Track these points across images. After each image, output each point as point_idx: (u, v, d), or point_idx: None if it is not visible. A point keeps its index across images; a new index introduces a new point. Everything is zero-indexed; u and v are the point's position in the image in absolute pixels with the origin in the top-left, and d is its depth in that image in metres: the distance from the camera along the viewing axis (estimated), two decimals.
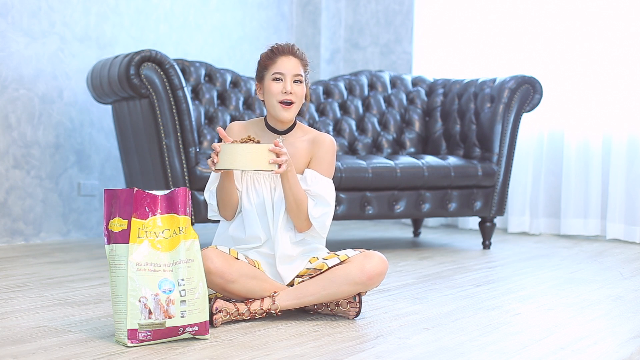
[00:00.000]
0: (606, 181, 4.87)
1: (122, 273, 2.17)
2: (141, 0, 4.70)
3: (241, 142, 2.38)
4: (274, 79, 2.52)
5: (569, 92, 4.95)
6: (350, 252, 2.57)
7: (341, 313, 2.59)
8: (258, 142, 2.41)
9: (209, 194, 2.58)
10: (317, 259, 2.58)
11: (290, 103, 2.52)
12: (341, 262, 2.54)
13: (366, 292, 2.59)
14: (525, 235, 5.01)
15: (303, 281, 2.55)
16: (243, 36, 5.33)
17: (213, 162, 2.37)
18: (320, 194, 2.52)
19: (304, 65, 2.55)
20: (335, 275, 2.51)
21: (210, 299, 2.47)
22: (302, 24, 5.74)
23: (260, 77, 2.57)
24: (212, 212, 2.61)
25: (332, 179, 2.61)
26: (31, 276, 3.25)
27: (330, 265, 2.53)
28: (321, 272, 2.53)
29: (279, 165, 2.37)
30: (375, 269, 2.52)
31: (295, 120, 2.61)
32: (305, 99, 2.60)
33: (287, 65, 2.51)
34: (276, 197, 2.54)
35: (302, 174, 2.57)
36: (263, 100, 2.59)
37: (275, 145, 2.36)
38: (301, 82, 2.53)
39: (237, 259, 2.50)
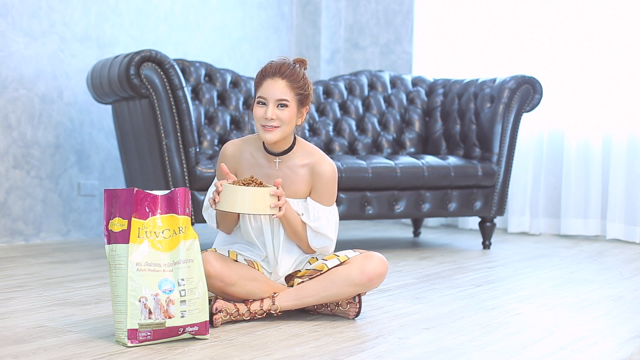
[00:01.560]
0: (606, 181, 4.87)
1: (122, 273, 2.17)
2: (141, 0, 4.70)
3: (243, 183, 2.37)
4: (258, 102, 2.46)
5: (569, 92, 4.94)
6: (350, 253, 2.57)
7: (341, 313, 2.59)
8: (260, 183, 2.39)
9: (207, 215, 2.57)
10: (317, 259, 2.58)
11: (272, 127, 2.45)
12: (341, 263, 2.54)
13: (366, 292, 2.59)
14: (525, 235, 5.01)
15: (303, 282, 2.55)
16: (243, 36, 5.33)
17: (215, 201, 2.36)
18: (321, 232, 2.51)
19: (295, 87, 2.44)
20: (335, 276, 2.51)
21: (210, 299, 2.47)
22: (302, 24, 5.74)
23: (254, 96, 2.52)
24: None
25: None
26: (31, 276, 3.25)
27: (330, 267, 2.53)
28: (321, 273, 2.53)
29: (279, 208, 2.37)
30: (376, 270, 2.52)
31: (295, 139, 2.55)
32: (300, 118, 2.50)
33: (271, 89, 2.43)
34: (275, 220, 2.53)
35: (302, 198, 2.54)
36: None
37: (276, 187, 2.36)
38: (287, 105, 2.44)
39: (236, 261, 2.50)
